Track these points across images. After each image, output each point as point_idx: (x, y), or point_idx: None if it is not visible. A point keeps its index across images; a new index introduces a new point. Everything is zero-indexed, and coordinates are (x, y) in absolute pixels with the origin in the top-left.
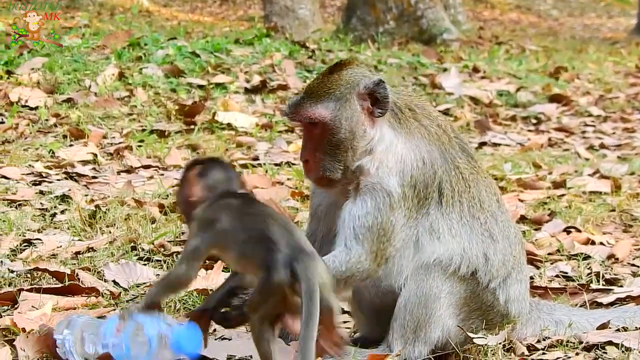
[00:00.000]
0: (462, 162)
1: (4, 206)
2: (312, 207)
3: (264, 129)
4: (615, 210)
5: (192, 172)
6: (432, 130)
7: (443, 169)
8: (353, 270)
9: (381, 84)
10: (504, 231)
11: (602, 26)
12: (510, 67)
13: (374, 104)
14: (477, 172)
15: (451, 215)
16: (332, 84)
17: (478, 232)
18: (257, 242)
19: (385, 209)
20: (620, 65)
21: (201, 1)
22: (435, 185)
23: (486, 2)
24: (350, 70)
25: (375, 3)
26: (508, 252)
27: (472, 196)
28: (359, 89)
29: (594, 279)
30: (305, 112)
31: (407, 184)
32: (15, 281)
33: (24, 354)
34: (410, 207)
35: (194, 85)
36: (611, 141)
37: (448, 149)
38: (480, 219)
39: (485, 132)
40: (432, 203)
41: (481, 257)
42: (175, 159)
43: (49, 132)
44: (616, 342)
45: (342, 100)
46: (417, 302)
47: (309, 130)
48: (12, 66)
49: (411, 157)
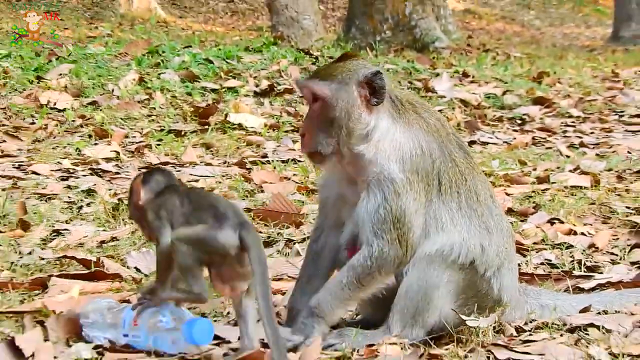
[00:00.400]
0: (459, 157)
1: (34, 200)
2: (320, 200)
3: (272, 129)
4: (595, 203)
5: (136, 182)
6: (430, 122)
7: (440, 160)
8: (380, 261)
9: (379, 75)
10: (498, 224)
11: (581, 35)
12: (496, 73)
13: (371, 93)
14: (472, 168)
15: (451, 204)
16: (336, 69)
17: (476, 223)
18: (205, 211)
19: (391, 196)
20: (597, 70)
21: (213, 13)
22: (434, 174)
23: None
24: (354, 61)
25: (372, 14)
26: (501, 243)
27: (468, 189)
28: (358, 76)
29: (576, 266)
30: (310, 87)
31: (408, 169)
32: (45, 268)
33: (54, 334)
34: (418, 192)
35: (208, 89)
36: (590, 140)
37: (445, 142)
38: (477, 211)
39: (475, 131)
40: (433, 191)
41: (478, 247)
42: (190, 156)
43: (76, 132)
44: (597, 324)
45: (342, 84)
46: (417, 290)
47: (311, 107)
48: (42, 72)
49: (409, 145)
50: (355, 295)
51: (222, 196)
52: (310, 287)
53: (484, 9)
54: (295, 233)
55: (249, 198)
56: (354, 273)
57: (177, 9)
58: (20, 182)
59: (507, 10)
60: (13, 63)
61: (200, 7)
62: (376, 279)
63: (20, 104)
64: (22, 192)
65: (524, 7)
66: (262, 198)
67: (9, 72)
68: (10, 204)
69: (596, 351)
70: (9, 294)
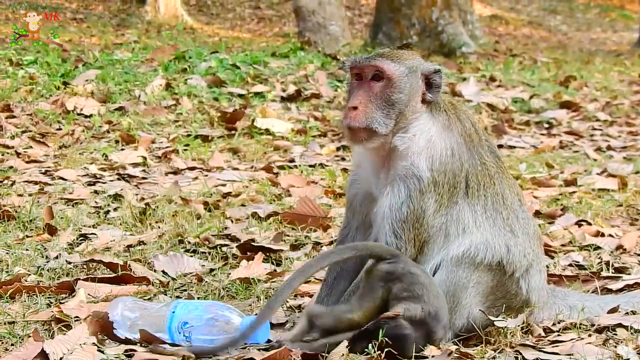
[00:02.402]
0: (489, 161)
1: (62, 204)
2: (348, 199)
3: (299, 133)
4: (622, 206)
5: None
6: (466, 126)
7: (470, 162)
8: None
9: (439, 72)
10: (523, 228)
11: (607, 40)
12: (523, 77)
13: (427, 89)
14: (502, 172)
15: (476, 207)
16: (404, 54)
17: (500, 226)
18: None
19: (415, 194)
20: (624, 74)
21: (240, 19)
22: (462, 176)
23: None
24: (416, 53)
25: (399, 20)
26: (527, 245)
27: (495, 192)
28: (423, 68)
29: (604, 267)
30: (379, 64)
31: (436, 169)
32: (72, 272)
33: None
34: (442, 194)
35: (235, 94)
36: (617, 143)
37: (476, 146)
38: (503, 214)
39: (502, 135)
40: (460, 193)
41: (504, 248)
42: (218, 161)
43: (102, 138)
44: (625, 325)
45: (411, 69)
46: (446, 291)
47: (368, 84)
48: (69, 78)
49: (441, 145)
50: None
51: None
52: (336, 287)
53: (510, 15)
54: (322, 236)
55: (276, 202)
56: None
57: (204, 15)
58: (47, 188)
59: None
60: (39, 69)
61: (226, 13)
62: None
63: (47, 110)
64: (49, 197)
65: (551, 12)
66: (289, 202)
67: (35, 79)
68: (37, 209)
69: (625, 351)
70: (35, 298)
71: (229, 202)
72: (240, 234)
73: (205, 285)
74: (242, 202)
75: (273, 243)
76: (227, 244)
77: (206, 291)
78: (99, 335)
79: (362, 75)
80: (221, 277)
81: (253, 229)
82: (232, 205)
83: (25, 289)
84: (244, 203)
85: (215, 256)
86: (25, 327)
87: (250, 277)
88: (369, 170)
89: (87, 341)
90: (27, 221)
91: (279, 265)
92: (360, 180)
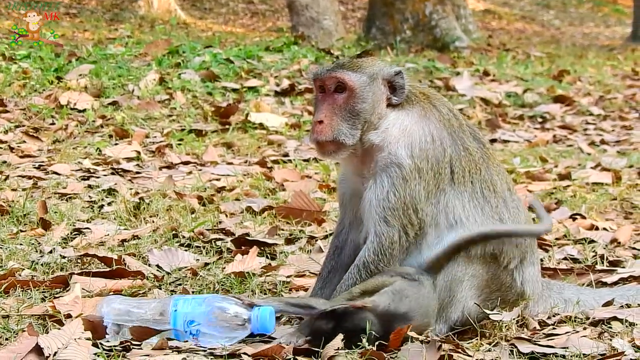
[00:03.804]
0: (472, 146)
1: (55, 199)
2: (339, 197)
3: (293, 128)
4: (616, 199)
5: None
6: (443, 112)
7: (452, 148)
8: (389, 252)
9: (400, 74)
10: (513, 216)
11: (600, 34)
12: (517, 71)
13: (392, 92)
14: (488, 158)
15: (464, 195)
16: (363, 63)
17: (489, 214)
18: None
19: (399, 182)
20: (617, 69)
21: (233, 14)
22: (446, 162)
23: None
24: (376, 59)
25: (393, 14)
26: None
27: (483, 179)
28: (383, 74)
29: (599, 261)
30: (340, 76)
31: (417, 156)
32: (66, 266)
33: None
34: (427, 181)
35: (228, 88)
36: (611, 137)
37: (457, 131)
38: (491, 201)
39: (496, 130)
40: (445, 179)
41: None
42: (212, 155)
43: (96, 132)
44: (620, 318)
45: (372, 77)
46: (443, 286)
47: (332, 96)
48: (62, 72)
49: (419, 133)
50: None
51: None
52: (330, 280)
53: (503, 9)
54: (317, 230)
55: (270, 196)
56: (365, 271)
57: (197, 10)
58: (40, 182)
59: (526, 10)
60: (33, 64)
61: (220, 8)
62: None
63: (41, 105)
64: (42, 191)
65: (544, 7)
66: (283, 196)
67: (28, 73)
68: (31, 203)
69: (620, 344)
70: (30, 292)
71: (223, 196)
72: (235, 228)
73: (199, 280)
74: (236, 197)
75: (267, 237)
76: (221, 238)
77: (201, 285)
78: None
79: (325, 88)
80: (216, 271)
81: (247, 223)
82: (227, 200)
83: (19, 284)
84: (238, 197)
85: (209, 250)
86: (19, 322)
87: (245, 271)
88: (354, 169)
89: (82, 336)
90: (21, 216)
91: (274, 259)
92: (347, 179)
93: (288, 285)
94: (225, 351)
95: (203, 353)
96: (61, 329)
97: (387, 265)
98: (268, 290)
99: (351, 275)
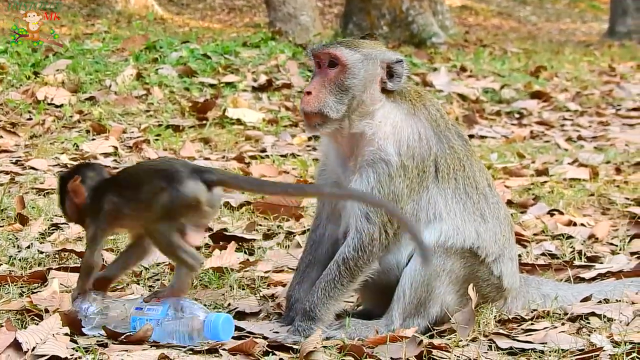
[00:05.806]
0: (457, 145)
1: (33, 194)
2: None
3: (270, 123)
4: (594, 195)
5: (75, 183)
6: (432, 112)
7: (438, 147)
8: (369, 249)
9: (401, 62)
10: (494, 212)
11: (577, 30)
12: (494, 67)
13: (389, 78)
14: (470, 156)
15: (447, 191)
16: (363, 43)
17: (470, 210)
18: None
19: (385, 179)
20: (594, 65)
21: (211, 9)
22: (431, 160)
23: (471, 9)
24: (379, 43)
25: (370, 10)
26: (498, 231)
27: (466, 176)
28: (384, 57)
29: (577, 256)
30: (333, 51)
31: (404, 153)
32: (44, 261)
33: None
34: (411, 178)
35: (206, 84)
36: (588, 133)
37: (444, 131)
38: (473, 198)
39: (473, 125)
40: (429, 177)
41: (474, 234)
42: (189, 151)
43: (73, 128)
44: (598, 313)
45: (367, 57)
46: (421, 281)
47: (325, 70)
48: (39, 68)
49: (408, 130)
50: (348, 289)
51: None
52: (308, 275)
53: (480, 5)
54: (295, 226)
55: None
56: (345, 267)
57: (174, 5)
58: (18, 177)
59: (503, 7)
60: (10, 59)
61: (197, 3)
62: (368, 266)
63: (17, 100)
64: (20, 187)
65: (520, 3)
66: None
67: (5, 68)
68: (8, 198)
69: (598, 339)
70: (8, 288)
71: None
72: (213, 224)
73: None
74: None
75: (246, 232)
76: None
77: None
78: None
79: (320, 64)
80: None
81: (225, 218)
82: None
83: None
84: None
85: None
86: None
87: (223, 267)
88: (336, 160)
89: (60, 331)
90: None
91: (252, 255)
92: (328, 171)
93: (266, 280)
94: (203, 346)
95: (183, 349)
96: (39, 324)
97: (367, 262)
98: (246, 285)
99: (331, 271)
